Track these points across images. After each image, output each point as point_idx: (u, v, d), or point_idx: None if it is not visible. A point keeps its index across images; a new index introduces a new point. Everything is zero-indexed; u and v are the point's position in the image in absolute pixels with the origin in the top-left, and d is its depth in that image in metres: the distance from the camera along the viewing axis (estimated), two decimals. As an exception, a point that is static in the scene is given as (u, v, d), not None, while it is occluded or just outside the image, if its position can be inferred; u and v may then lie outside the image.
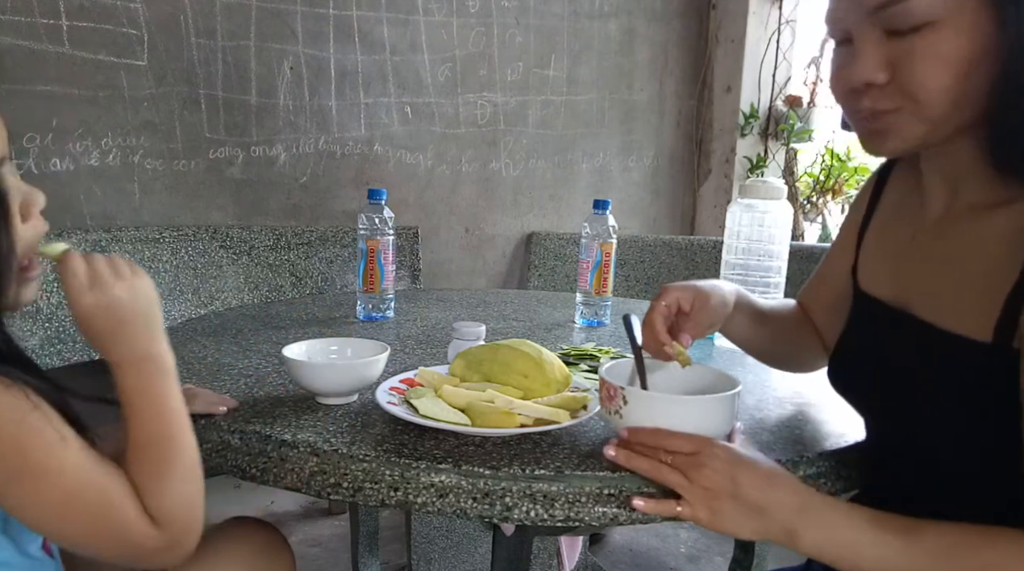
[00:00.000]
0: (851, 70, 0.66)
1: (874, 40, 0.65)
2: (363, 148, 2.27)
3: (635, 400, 0.74)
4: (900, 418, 0.72)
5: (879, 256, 0.83)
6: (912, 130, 0.66)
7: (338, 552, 2.07)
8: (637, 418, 0.73)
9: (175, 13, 1.94)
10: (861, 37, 0.65)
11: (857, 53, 0.66)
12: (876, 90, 0.66)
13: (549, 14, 2.48)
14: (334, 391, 0.91)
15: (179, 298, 1.91)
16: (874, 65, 0.65)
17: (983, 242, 0.67)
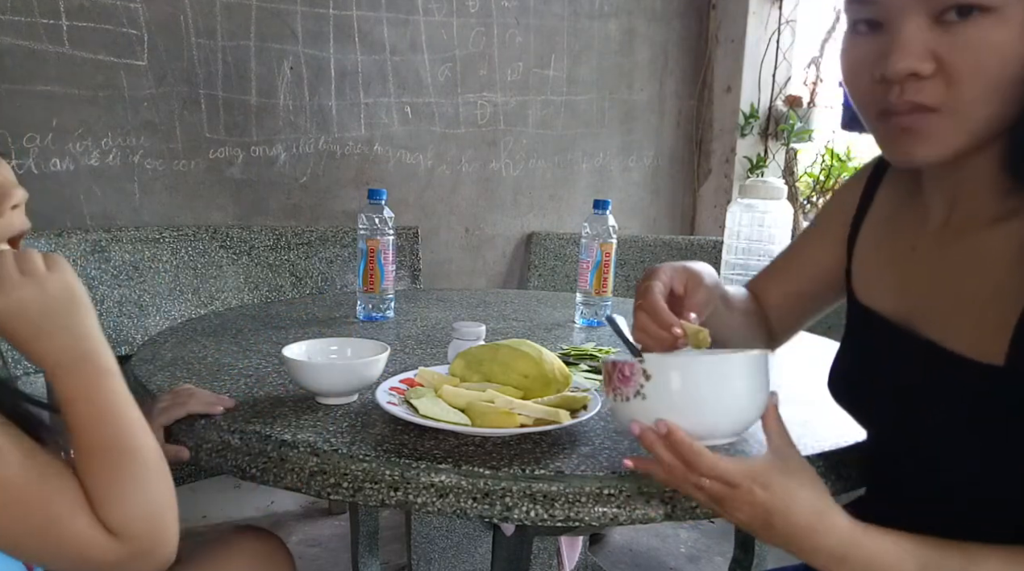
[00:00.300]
0: (891, 59, 0.58)
1: (920, 24, 0.57)
2: (363, 148, 2.27)
3: (661, 370, 0.61)
4: (905, 432, 0.69)
5: (876, 265, 0.78)
6: (950, 137, 0.59)
7: (338, 552, 2.07)
8: (667, 394, 0.61)
9: (175, 13, 1.94)
10: (905, 20, 0.58)
11: (899, 39, 0.58)
12: (917, 82, 0.58)
13: (549, 14, 2.48)
14: (334, 391, 0.91)
15: (179, 298, 1.91)
16: (921, 52, 0.57)
17: (989, 258, 0.63)
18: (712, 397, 0.61)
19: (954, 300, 0.65)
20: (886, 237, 0.77)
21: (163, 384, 0.98)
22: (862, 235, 0.81)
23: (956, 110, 0.58)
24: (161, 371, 1.04)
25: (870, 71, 0.61)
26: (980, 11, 0.54)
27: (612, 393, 0.66)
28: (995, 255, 0.62)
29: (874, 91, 0.61)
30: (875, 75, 0.60)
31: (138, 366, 1.06)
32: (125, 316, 1.80)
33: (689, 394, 0.61)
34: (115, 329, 1.79)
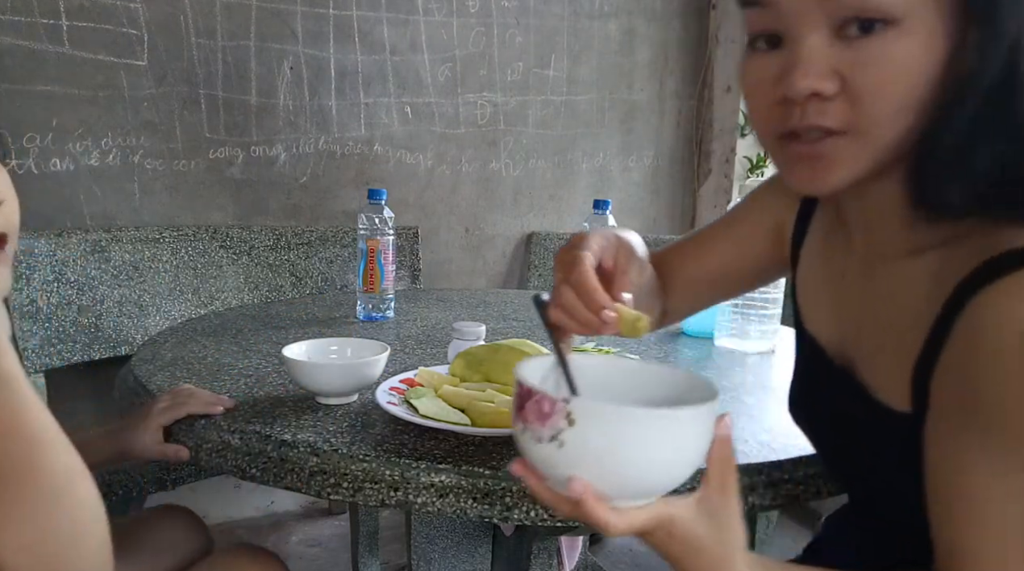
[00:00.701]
0: (792, 77, 0.52)
1: (822, 39, 0.52)
2: (363, 148, 2.27)
3: (592, 421, 0.48)
4: (846, 460, 0.69)
5: (814, 290, 0.74)
6: (856, 161, 0.54)
7: (338, 552, 2.07)
8: (589, 447, 0.48)
9: (175, 13, 1.93)
10: (805, 35, 0.52)
11: (800, 56, 0.52)
12: (820, 103, 0.53)
13: (549, 14, 2.48)
14: (334, 391, 0.91)
15: (179, 298, 1.91)
16: (823, 70, 0.52)
17: (903, 295, 0.59)
18: (650, 457, 0.49)
19: (877, 337, 0.62)
20: (821, 261, 0.73)
21: (163, 384, 0.98)
22: (803, 255, 0.76)
23: (862, 132, 0.53)
24: (161, 371, 1.04)
25: (771, 91, 0.55)
26: (883, 24, 0.49)
27: (521, 424, 0.52)
28: (903, 293, 0.58)
29: (775, 112, 0.56)
30: (776, 95, 0.55)
31: (138, 366, 1.06)
32: (125, 316, 1.80)
33: (622, 454, 0.48)
34: (115, 329, 1.79)
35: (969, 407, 0.50)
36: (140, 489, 1.44)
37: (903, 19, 0.49)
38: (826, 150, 0.54)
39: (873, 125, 0.52)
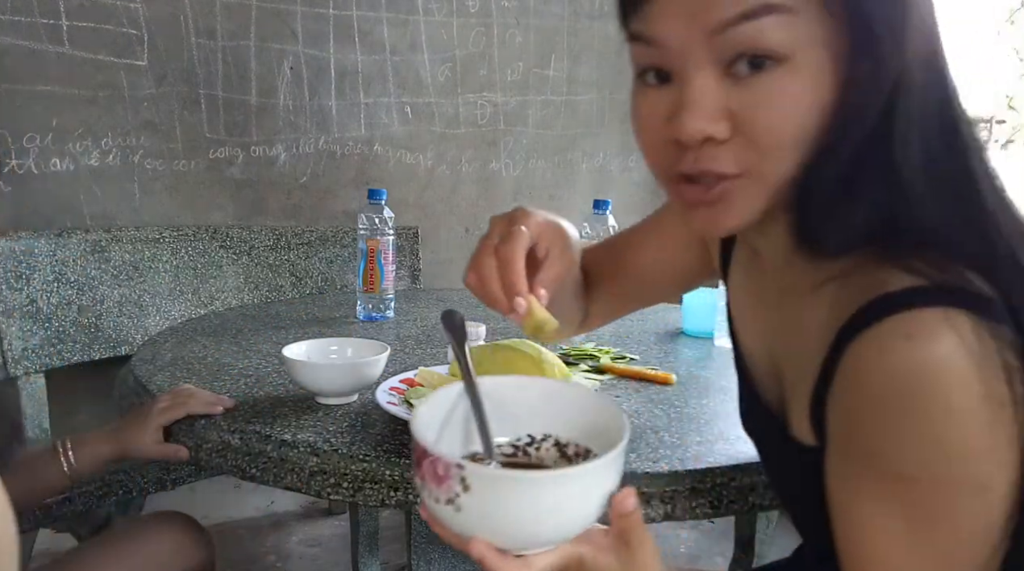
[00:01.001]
0: (681, 120, 0.50)
1: (712, 78, 0.49)
2: (363, 148, 2.27)
3: (487, 489, 0.47)
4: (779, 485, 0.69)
5: (746, 306, 0.71)
6: (753, 202, 0.53)
7: (338, 552, 2.07)
8: (486, 511, 0.48)
9: (175, 13, 1.93)
10: (693, 73, 0.50)
11: (688, 97, 0.50)
12: (713, 148, 0.50)
13: (549, 14, 2.48)
14: (334, 391, 0.91)
15: (179, 298, 1.91)
16: (713, 112, 0.49)
17: (805, 331, 0.57)
18: (549, 516, 0.49)
19: (791, 371, 0.61)
20: (747, 284, 0.70)
21: (163, 384, 0.98)
22: (732, 270, 0.74)
23: (757, 173, 0.51)
24: (161, 371, 1.04)
25: (662, 129, 0.52)
26: (773, 62, 0.48)
27: (419, 480, 0.51)
28: (811, 327, 0.56)
29: (667, 152, 0.53)
30: (667, 134, 0.52)
31: (138, 366, 1.06)
32: (125, 316, 1.80)
33: (520, 516, 0.48)
34: (115, 329, 1.79)
35: (853, 448, 0.51)
36: (140, 489, 1.44)
37: (791, 57, 0.48)
38: (723, 194, 0.52)
39: (768, 165, 0.51)
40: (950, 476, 0.47)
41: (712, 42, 0.48)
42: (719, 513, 0.77)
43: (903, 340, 0.46)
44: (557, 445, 0.60)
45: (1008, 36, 3.11)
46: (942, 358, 0.45)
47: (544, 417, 0.60)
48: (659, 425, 0.91)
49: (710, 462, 0.80)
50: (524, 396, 0.61)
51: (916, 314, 0.47)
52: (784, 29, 0.47)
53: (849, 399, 0.51)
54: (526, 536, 0.50)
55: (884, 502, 0.49)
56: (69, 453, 0.92)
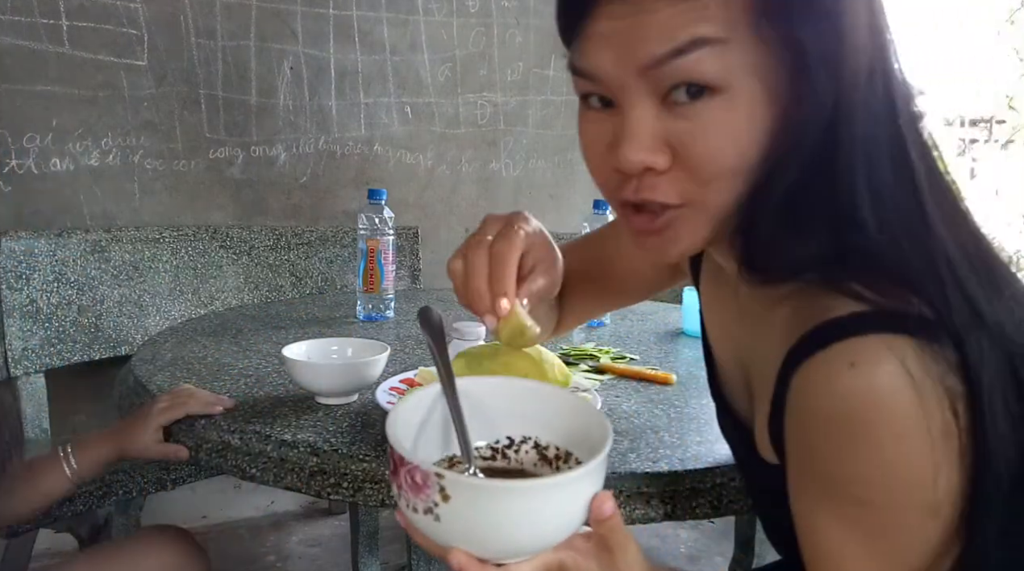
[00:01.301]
0: (621, 150, 0.50)
1: (650, 109, 0.49)
2: (363, 148, 2.27)
3: (463, 494, 0.46)
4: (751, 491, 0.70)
5: (716, 315, 0.71)
6: (700, 229, 0.53)
7: (338, 552, 2.07)
8: (465, 522, 0.47)
9: (175, 13, 1.93)
10: (631, 105, 0.50)
11: (628, 128, 0.50)
12: (653, 178, 0.51)
13: (549, 14, 2.47)
14: (334, 391, 0.91)
15: (179, 298, 1.91)
16: (652, 143, 0.50)
17: (763, 349, 0.57)
18: (528, 526, 0.48)
19: (758, 383, 0.60)
20: (718, 296, 0.70)
21: (163, 384, 0.98)
22: (703, 277, 0.74)
23: (699, 202, 0.51)
24: (161, 371, 1.04)
25: (606, 156, 0.52)
26: (709, 92, 0.48)
27: (395, 488, 0.50)
28: (768, 346, 0.56)
29: (612, 179, 0.53)
30: (611, 162, 0.52)
31: (138, 366, 1.06)
32: (125, 316, 1.80)
33: (499, 526, 0.47)
34: (115, 329, 1.79)
35: (808, 471, 0.52)
36: (140, 489, 1.44)
37: (727, 87, 0.48)
38: (668, 224, 0.53)
39: (709, 195, 0.51)
40: (900, 500, 0.48)
41: (646, 76, 0.48)
42: (719, 513, 0.77)
43: (847, 368, 0.47)
44: (537, 448, 0.59)
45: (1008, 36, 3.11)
46: (885, 385, 0.46)
47: (523, 419, 0.59)
48: (659, 425, 0.91)
49: (710, 462, 0.80)
50: (502, 397, 0.59)
51: (860, 341, 0.47)
52: (717, 60, 0.47)
53: (799, 425, 0.51)
54: (507, 545, 0.49)
55: (841, 522, 0.50)
56: (71, 457, 0.92)
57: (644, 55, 0.48)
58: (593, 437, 0.53)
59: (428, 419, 0.57)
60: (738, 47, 0.47)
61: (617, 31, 0.48)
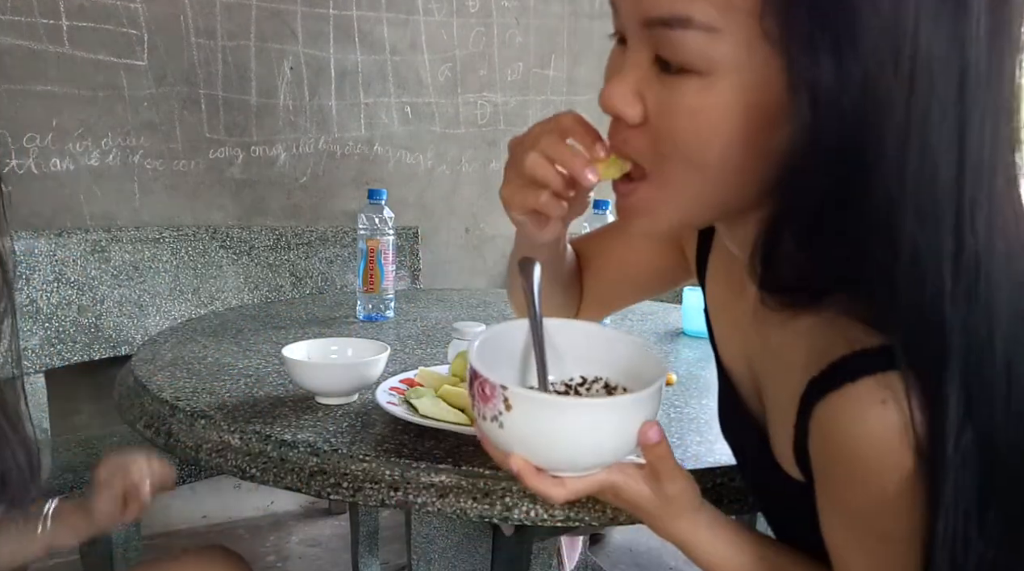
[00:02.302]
0: (606, 86, 0.52)
1: (641, 63, 0.50)
2: (363, 148, 2.27)
3: (524, 405, 0.52)
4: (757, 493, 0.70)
5: (723, 319, 0.70)
6: (660, 210, 0.53)
7: (338, 552, 2.07)
8: (527, 434, 0.53)
9: (175, 13, 1.93)
10: (632, 49, 0.51)
11: (621, 67, 0.51)
12: (625, 128, 0.52)
13: (549, 14, 2.48)
14: (334, 391, 0.91)
15: (179, 298, 1.91)
16: (628, 93, 0.50)
17: (783, 359, 0.56)
18: (582, 442, 0.53)
19: (773, 397, 0.59)
20: (725, 295, 0.68)
21: (163, 384, 0.98)
22: (709, 277, 0.72)
23: (658, 179, 0.51)
24: (161, 371, 1.04)
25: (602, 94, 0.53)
26: (690, 71, 0.47)
27: (471, 399, 0.56)
28: (789, 357, 0.54)
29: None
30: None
31: (138, 366, 1.06)
32: (125, 316, 1.80)
33: (555, 438, 0.53)
34: (115, 329, 1.79)
35: (837, 504, 0.52)
36: (140, 489, 1.43)
37: (708, 73, 0.46)
38: (632, 192, 0.54)
39: (669, 173, 0.50)
40: (917, 534, 0.47)
41: (644, 30, 0.49)
42: (719, 513, 0.77)
43: (878, 405, 0.46)
44: (607, 388, 0.63)
45: (1008, 36, 3.09)
46: (906, 423, 0.45)
47: (596, 361, 0.64)
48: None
49: (710, 462, 0.80)
50: (579, 339, 0.64)
51: (889, 377, 0.46)
52: (701, 45, 0.45)
53: (826, 457, 0.51)
54: (561, 458, 0.54)
55: (866, 553, 0.51)
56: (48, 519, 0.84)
57: (642, 10, 0.48)
58: (652, 377, 0.57)
59: (509, 350, 0.62)
60: (731, 39, 0.45)
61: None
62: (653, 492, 0.57)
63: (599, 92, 0.52)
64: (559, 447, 0.53)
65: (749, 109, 0.46)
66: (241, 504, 2.25)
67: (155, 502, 0.87)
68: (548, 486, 0.55)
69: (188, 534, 2.14)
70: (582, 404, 0.55)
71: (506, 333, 0.62)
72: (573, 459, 0.55)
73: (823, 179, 0.45)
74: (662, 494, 0.58)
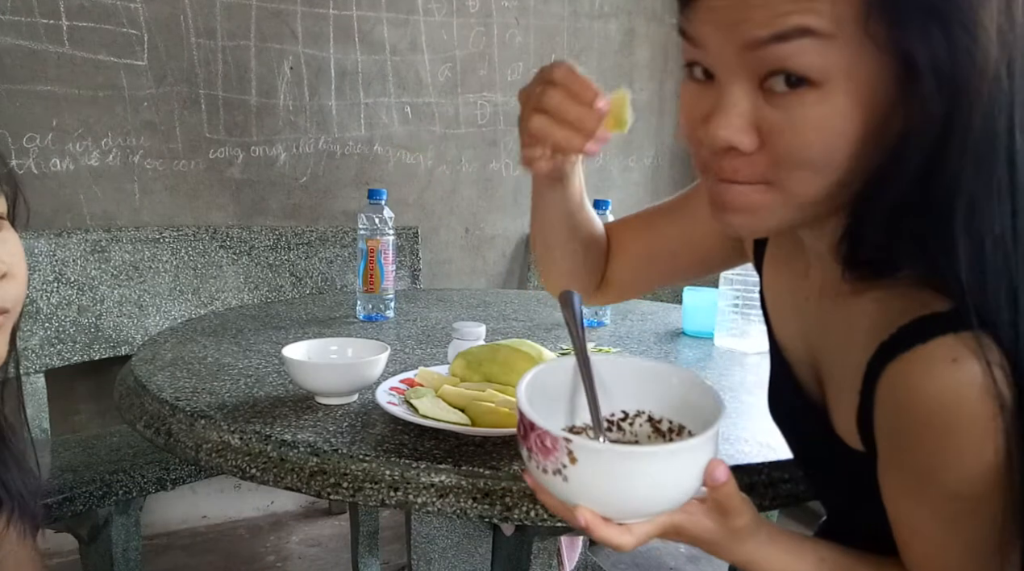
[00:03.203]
0: (713, 125, 0.51)
1: (747, 90, 0.50)
2: (363, 148, 2.27)
3: (590, 458, 0.50)
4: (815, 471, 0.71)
5: (781, 301, 0.72)
6: (778, 212, 0.54)
7: (338, 552, 2.07)
8: (592, 483, 0.51)
9: (175, 13, 1.93)
10: (729, 82, 0.50)
11: (723, 104, 0.51)
12: (737, 157, 0.52)
13: (549, 14, 2.48)
14: (334, 391, 0.91)
15: (179, 298, 1.91)
16: (742, 124, 0.50)
17: (846, 335, 0.58)
18: (650, 490, 0.52)
19: (834, 371, 0.62)
20: (785, 276, 0.71)
21: (163, 384, 0.98)
22: (767, 260, 0.74)
23: (781, 188, 0.52)
24: (161, 371, 1.04)
25: (700, 127, 0.53)
26: (806, 84, 0.48)
27: (526, 451, 0.55)
28: (853, 333, 0.57)
29: (701, 148, 0.55)
30: (701, 134, 0.53)
31: (138, 366, 1.06)
32: (125, 316, 1.80)
33: (623, 489, 0.51)
34: (115, 329, 1.79)
35: (904, 466, 0.54)
36: (140, 489, 1.44)
37: (825, 82, 0.47)
38: (746, 200, 0.53)
39: (792, 183, 0.51)
40: (987, 491, 0.49)
41: (746, 56, 0.49)
42: (719, 513, 0.77)
43: (949, 363, 0.48)
44: (651, 421, 0.63)
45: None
46: (983, 382, 0.47)
47: (636, 394, 0.63)
48: (659, 425, 0.91)
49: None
50: (617, 373, 0.64)
51: (959, 337, 0.48)
52: (818, 54, 0.47)
53: (894, 418, 0.53)
54: (628, 506, 0.53)
55: (933, 512, 0.53)
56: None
57: (747, 34, 0.48)
58: (705, 409, 0.57)
59: (555, 390, 0.62)
60: (843, 44, 0.46)
61: (726, 3, 0.49)
62: (718, 526, 0.58)
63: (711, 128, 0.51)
64: (629, 497, 0.52)
65: (864, 109, 0.48)
66: (241, 504, 2.25)
67: (155, 502, 0.85)
68: (616, 535, 0.55)
69: (188, 534, 2.14)
70: (653, 452, 0.53)
71: (549, 372, 0.62)
72: (641, 506, 0.54)
73: (907, 172, 0.49)
74: (728, 527, 0.58)
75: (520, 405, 0.54)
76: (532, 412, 0.53)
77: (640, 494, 0.52)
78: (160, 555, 2.02)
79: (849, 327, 0.58)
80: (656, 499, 0.53)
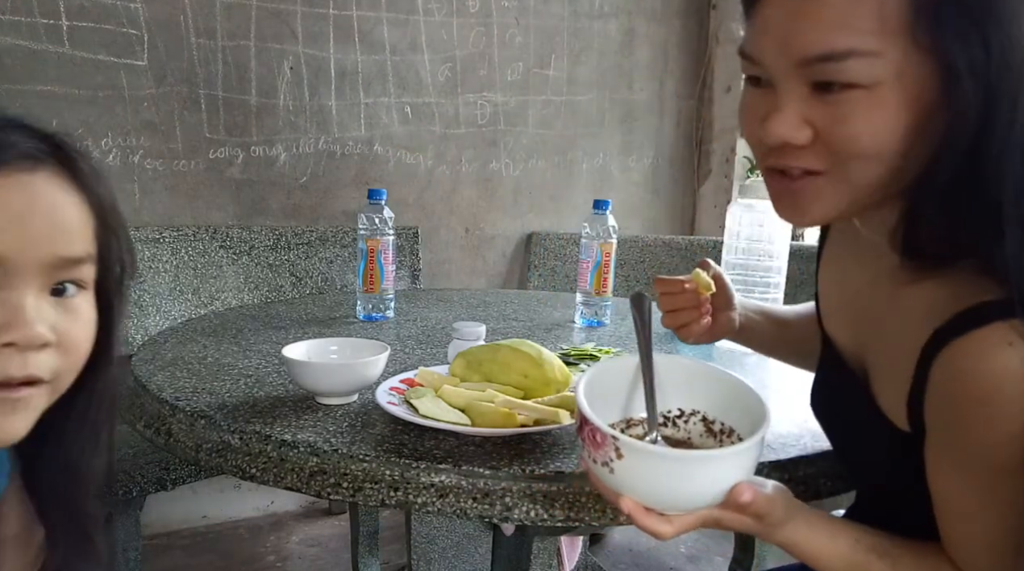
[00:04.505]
0: (769, 124, 0.57)
1: (798, 95, 0.56)
2: (363, 148, 2.27)
3: (635, 456, 0.56)
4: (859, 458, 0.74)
5: (834, 291, 0.78)
6: (835, 200, 0.59)
7: (338, 552, 2.07)
8: (636, 479, 0.57)
9: (175, 13, 1.93)
10: (784, 88, 0.57)
11: (778, 106, 0.57)
12: (795, 149, 0.58)
13: (549, 14, 2.48)
14: (334, 391, 0.91)
15: (179, 298, 1.91)
16: (796, 122, 0.56)
17: (900, 322, 0.62)
18: (691, 488, 0.57)
19: (884, 356, 0.66)
20: (839, 268, 0.77)
21: (163, 384, 0.98)
22: (825, 256, 0.81)
23: (838, 175, 0.57)
24: (161, 371, 1.04)
25: (758, 128, 0.60)
26: (856, 86, 0.53)
27: (582, 443, 0.61)
28: (908, 320, 0.61)
29: (760, 146, 0.61)
30: (759, 134, 0.59)
31: (138, 366, 1.06)
32: (125, 316, 1.80)
33: (665, 485, 0.57)
34: (115, 329, 1.78)
35: (956, 445, 0.57)
36: (140, 489, 1.44)
37: (874, 87, 0.53)
38: (805, 188, 0.59)
39: (848, 170, 0.56)
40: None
41: (801, 70, 0.55)
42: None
43: (1006, 346, 0.52)
44: (704, 421, 0.68)
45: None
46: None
47: (694, 395, 0.68)
48: (659, 425, 0.91)
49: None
50: (677, 373, 0.69)
51: (1014, 323, 0.52)
52: (866, 68, 0.53)
53: (948, 397, 0.56)
54: (669, 500, 0.58)
55: (985, 492, 0.56)
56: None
57: (799, 51, 0.54)
58: (755, 416, 0.62)
59: (614, 385, 0.68)
60: (889, 55, 0.52)
61: (781, 21, 0.55)
62: (754, 521, 0.62)
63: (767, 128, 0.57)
64: (667, 493, 0.57)
65: (910, 105, 0.53)
66: (241, 504, 2.25)
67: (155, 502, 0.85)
68: (656, 524, 0.59)
69: (188, 534, 2.14)
70: (689, 457, 0.58)
71: (611, 369, 0.68)
72: (682, 503, 0.59)
73: (955, 162, 0.54)
74: (763, 523, 0.62)
75: (577, 399, 0.60)
76: (587, 407, 0.59)
77: (680, 491, 0.57)
78: (160, 555, 2.02)
79: (902, 315, 0.62)
80: (696, 496, 0.58)
